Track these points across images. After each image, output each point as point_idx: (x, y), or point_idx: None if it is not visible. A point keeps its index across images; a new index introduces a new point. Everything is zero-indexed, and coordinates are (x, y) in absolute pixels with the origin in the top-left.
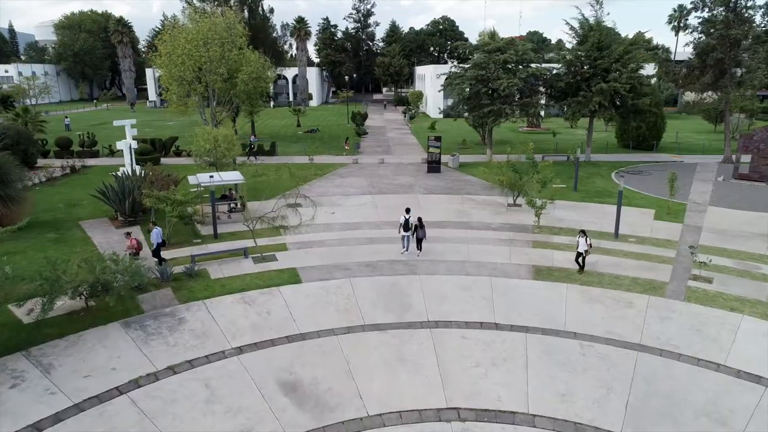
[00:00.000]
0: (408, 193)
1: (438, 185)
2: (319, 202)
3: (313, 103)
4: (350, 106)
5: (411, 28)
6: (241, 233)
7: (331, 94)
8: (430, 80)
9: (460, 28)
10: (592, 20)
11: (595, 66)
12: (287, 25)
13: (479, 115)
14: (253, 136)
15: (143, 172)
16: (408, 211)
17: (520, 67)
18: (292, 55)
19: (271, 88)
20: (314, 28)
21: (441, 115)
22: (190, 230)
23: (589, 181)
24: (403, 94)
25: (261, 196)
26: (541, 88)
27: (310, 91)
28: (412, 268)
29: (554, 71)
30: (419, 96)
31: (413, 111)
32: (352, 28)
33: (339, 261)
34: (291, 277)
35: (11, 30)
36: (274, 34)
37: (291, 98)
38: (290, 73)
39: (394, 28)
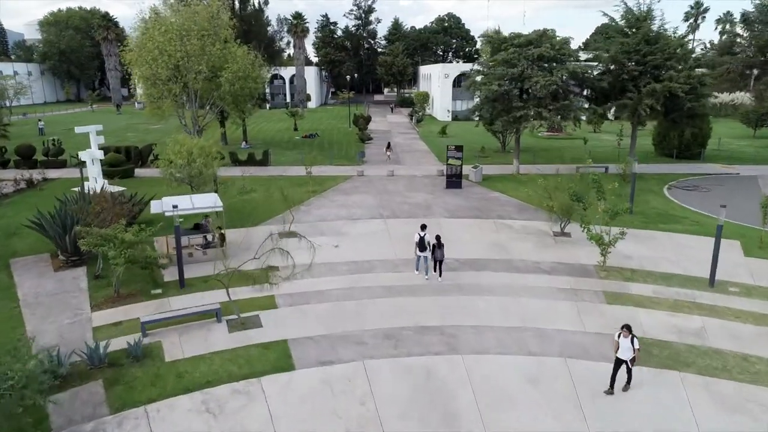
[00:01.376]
0: (427, 216)
1: (462, 205)
2: (319, 229)
3: (312, 104)
4: (351, 107)
5: (412, 27)
6: (217, 275)
7: (330, 95)
8: (437, 80)
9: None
10: (636, 9)
11: (645, 63)
12: (285, 19)
13: (509, 120)
14: (244, 143)
15: (95, 193)
16: (423, 228)
17: (555, 63)
18: (289, 54)
19: (267, 88)
20: (313, 26)
21: (449, 118)
22: (149, 276)
23: (642, 199)
24: (407, 95)
25: (247, 221)
26: (576, 89)
27: (308, 92)
28: (449, 339)
29: (592, 69)
30: (425, 97)
31: (420, 114)
32: (353, 26)
33: (347, 328)
34: (279, 358)
35: (0, 28)
36: (270, 29)
37: (288, 99)
38: (287, 72)
39: (396, 26)
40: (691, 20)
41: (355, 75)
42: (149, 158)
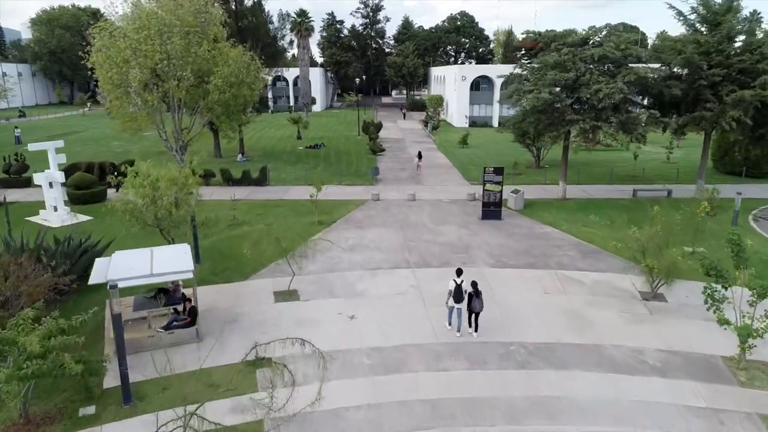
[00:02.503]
0: (466, 263)
1: (508, 246)
2: (328, 285)
3: (317, 107)
4: (359, 112)
5: (420, 27)
6: (185, 375)
7: (336, 98)
8: (453, 83)
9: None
10: (717, 1)
11: (729, 66)
12: (287, 15)
13: (559, 134)
14: (240, 155)
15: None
16: (459, 272)
17: (619, 67)
18: (293, 54)
19: (269, 91)
20: (318, 24)
21: (466, 124)
22: (79, 382)
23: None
24: (417, 98)
25: (234, 272)
26: (635, 97)
27: (313, 95)
28: None
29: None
30: (439, 101)
31: (435, 120)
32: (360, 25)
33: None
34: None
35: None
36: (271, 27)
37: (292, 102)
38: (291, 74)
39: (407, 25)
40: None
41: (363, 77)
42: (112, 179)
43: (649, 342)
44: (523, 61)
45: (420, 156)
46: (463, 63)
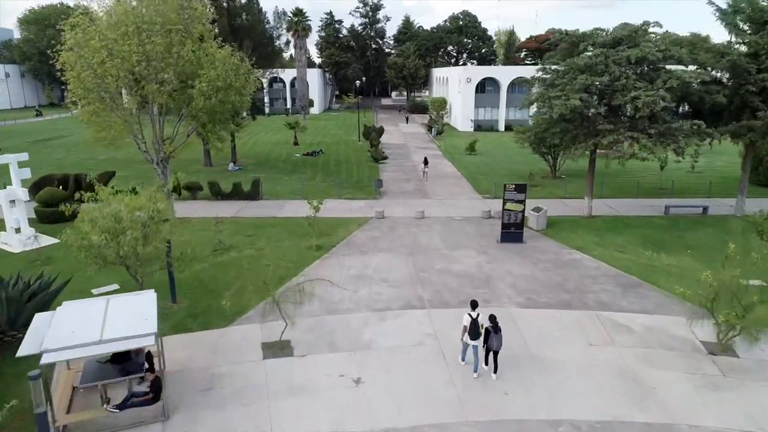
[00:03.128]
0: (489, 301)
1: (535, 277)
2: (327, 334)
3: (315, 110)
4: (357, 113)
5: (419, 27)
6: None
7: (334, 100)
8: (457, 85)
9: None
10: None
11: None
12: (283, 14)
13: (589, 146)
14: (232, 164)
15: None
16: (474, 305)
17: (659, 70)
18: (291, 55)
19: (266, 93)
20: (315, 23)
21: (471, 128)
22: None
23: None
24: (418, 100)
25: (215, 315)
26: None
27: (311, 97)
28: None
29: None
30: (442, 104)
31: (440, 125)
32: (359, 24)
33: None
34: None
35: None
36: (267, 26)
37: (289, 104)
38: (288, 75)
39: (407, 25)
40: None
41: (363, 78)
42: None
43: (733, 419)
44: (546, 63)
45: (426, 162)
46: (465, 64)
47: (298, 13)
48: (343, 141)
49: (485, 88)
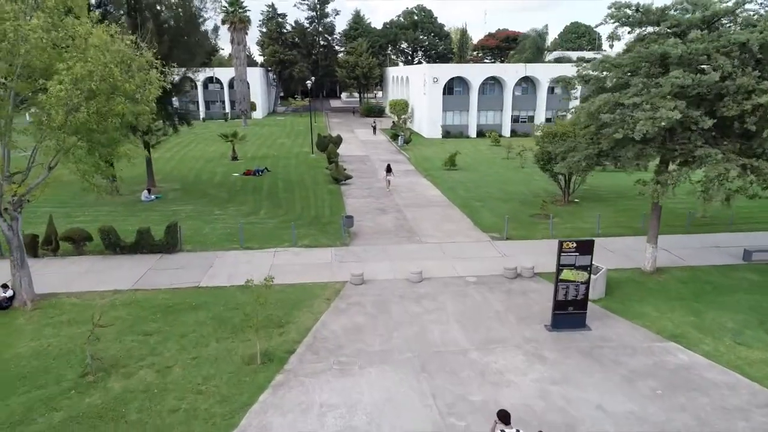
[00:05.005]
0: None
1: (644, 419)
2: None
3: (258, 114)
4: (306, 117)
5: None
6: None
7: (279, 102)
8: (422, 86)
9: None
10: None
11: None
12: None
13: (675, 181)
14: (146, 192)
15: None
16: (506, 418)
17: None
18: (230, 54)
19: (200, 96)
20: (256, 17)
21: (439, 135)
22: None
23: None
24: (372, 101)
25: None
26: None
27: (252, 100)
28: None
29: None
30: (404, 107)
31: (408, 133)
32: (306, 18)
33: None
34: None
35: None
36: (195, 12)
37: (227, 108)
38: (225, 74)
39: (358, 20)
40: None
41: (312, 78)
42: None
43: None
44: (602, 55)
45: (389, 169)
46: (420, 62)
47: (234, 2)
48: (293, 153)
49: (453, 89)
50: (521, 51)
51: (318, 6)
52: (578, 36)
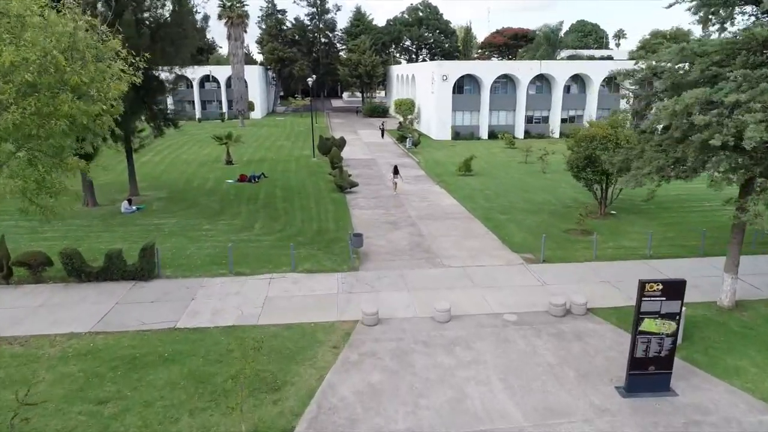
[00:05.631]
0: None
1: None
2: None
3: (256, 114)
4: (306, 117)
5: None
6: None
7: (279, 101)
8: (429, 84)
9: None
10: None
11: None
12: None
13: None
14: (126, 202)
15: None
16: None
17: None
18: (228, 53)
19: (196, 95)
20: (255, 13)
21: (449, 136)
22: None
23: None
24: (376, 101)
25: None
26: None
27: (251, 99)
28: None
29: None
30: (410, 106)
31: (417, 136)
32: (306, 15)
33: None
34: None
35: None
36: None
37: (224, 108)
38: (222, 73)
39: (360, 16)
40: None
41: (313, 76)
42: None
43: None
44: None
45: (396, 171)
46: (425, 60)
47: None
48: (293, 157)
49: (463, 88)
50: (535, 48)
51: (318, 2)
52: (585, 35)
